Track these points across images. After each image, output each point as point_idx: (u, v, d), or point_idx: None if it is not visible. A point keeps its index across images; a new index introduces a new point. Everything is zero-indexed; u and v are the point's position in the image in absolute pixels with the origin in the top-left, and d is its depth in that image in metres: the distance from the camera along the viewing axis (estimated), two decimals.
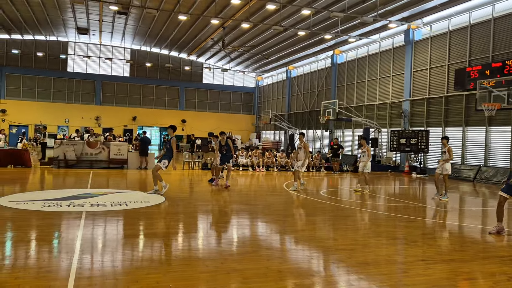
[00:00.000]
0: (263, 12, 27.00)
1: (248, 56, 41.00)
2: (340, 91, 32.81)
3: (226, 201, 11.04)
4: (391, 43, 27.42)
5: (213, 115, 48.59)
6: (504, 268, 5.64)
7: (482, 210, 11.69)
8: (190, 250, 6.08)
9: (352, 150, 30.50)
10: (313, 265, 5.55)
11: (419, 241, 7.18)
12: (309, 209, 10.45)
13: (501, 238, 7.76)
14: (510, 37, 19.35)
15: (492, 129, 20.18)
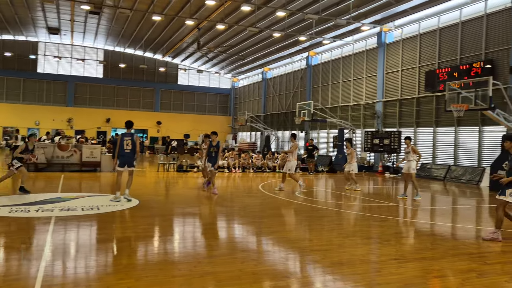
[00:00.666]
0: (238, 13, 27.00)
1: (224, 57, 40.91)
2: (315, 92, 33.12)
3: (201, 204, 10.96)
4: (364, 45, 27.85)
5: (189, 117, 48.25)
6: (472, 265, 5.80)
7: (452, 209, 11.99)
8: (164, 254, 6.00)
9: (327, 150, 30.82)
10: (288, 267, 5.57)
11: (392, 240, 7.30)
12: (285, 210, 10.48)
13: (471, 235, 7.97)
14: (476, 41, 19.96)
15: (461, 130, 20.76)
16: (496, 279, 5.22)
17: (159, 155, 23.53)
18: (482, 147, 19.59)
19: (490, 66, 18.82)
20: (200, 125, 47.15)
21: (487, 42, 19.50)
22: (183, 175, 19.20)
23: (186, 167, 21.39)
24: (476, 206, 12.55)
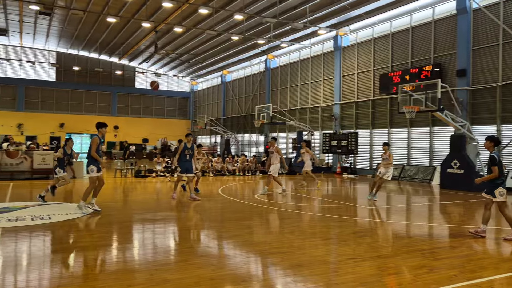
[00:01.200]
0: (196, 16, 26.82)
1: (182, 60, 40.50)
2: (274, 95, 33.42)
3: (159, 209, 10.75)
4: (321, 49, 28.42)
5: (147, 121, 47.37)
6: (424, 261, 6.02)
7: (406, 207, 12.42)
8: (120, 263, 5.83)
9: (287, 153, 31.14)
10: (247, 270, 5.55)
11: (349, 240, 7.46)
12: (245, 213, 10.48)
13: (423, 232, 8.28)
14: (426, 45, 20.86)
15: (413, 130, 21.60)
16: (445, 273, 5.44)
17: (116, 161, 22.90)
18: (433, 147, 20.47)
19: (439, 70, 19.72)
20: (158, 129, 46.41)
21: (435, 47, 20.42)
22: (141, 181, 18.79)
23: (145, 172, 20.97)
24: (428, 204, 13.06)
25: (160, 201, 12.33)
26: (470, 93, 18.76)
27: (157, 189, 15.94)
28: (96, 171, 9.49)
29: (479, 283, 5.09)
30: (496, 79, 17.80)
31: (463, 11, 18.72)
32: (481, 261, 6.16)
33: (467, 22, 18.71)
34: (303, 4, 23.43)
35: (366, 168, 24.32)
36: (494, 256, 6.55)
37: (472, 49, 18.66)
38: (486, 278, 5.27)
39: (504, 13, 17.56)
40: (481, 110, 18.47)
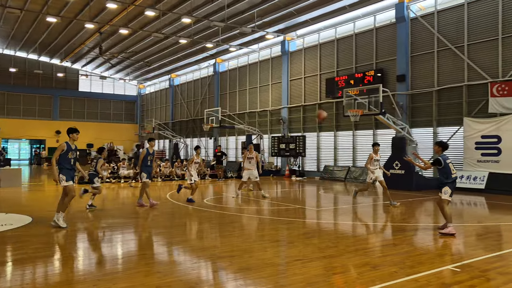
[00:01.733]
0: (143, 18, 26.28)
1: (129, 63, 39.47)
2: (223, 99, 33.40)
3: (104, 217, 10.38)
4: (269, 53, 28.79)
5: (92, 125, 45.63)
6: (367, 259, 6.25)
7: (351, 207, 12.82)
8: (59, 275, 5.56)
9: (236, 156, 31.20)
10: (194, 276, 5.49)
11: (296, 241, 7.59)
12: (194, 218, 10.37)
13: (368, 231, 8.59)
14: (368, 51, 21.75)
15: (358, 133, 22.41)
16: (387, 270, 5.68)
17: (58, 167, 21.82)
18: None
19: (380, 75, 20.61)
20: (104, 134, 44.85)
21: (377, 53, 21.33)
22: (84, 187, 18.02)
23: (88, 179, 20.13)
24: (372, 204, 13.57)
25: (106, 209, 11.91)
26: (409, 97, 19.75)
27: (102, 196, 15.37)
28: (65, 180, 8.62)
29: (417, 278, 5.36)
30: (432, 84, 18.88)
31: (402, 19, 19.71)
32: (419, 257, 6.49)
33: (405, 30, 19.71)
34: (251, 9, 23.64)
35: (314, 170, 24.88)
36: (431, 252, 6.92)
37: (411, 56, 19.68)
38: (424, 273, 5.56)
39: (438, 23, 18.68)
40: (419, 114, 19.50)
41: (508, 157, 15.91)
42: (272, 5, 22.96)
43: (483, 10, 17.22)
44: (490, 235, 8.34)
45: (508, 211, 11.76)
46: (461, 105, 17.80)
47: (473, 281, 5.25)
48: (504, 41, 16.55)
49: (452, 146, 18.14)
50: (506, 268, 5.90)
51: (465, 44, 17.68)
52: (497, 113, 16.42)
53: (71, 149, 8.80)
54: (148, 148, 12.10)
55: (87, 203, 11.22)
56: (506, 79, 16.27)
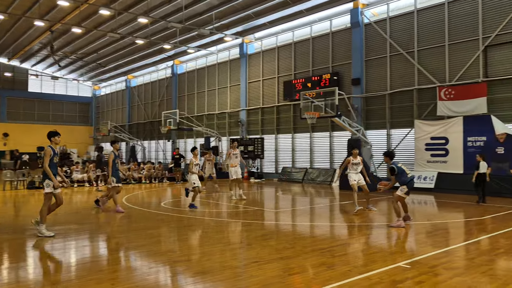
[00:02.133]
0: (97, 17, 25.55)
1: (83, 63, 38.21)
2: (181, 101, 33.05)
3: (57, 223, 9.98)
4: (227, 56, 28.79)
5: (43, 128, 43.56)
6: (323, 259, 6.38)
7: (309, 208, 13.05)
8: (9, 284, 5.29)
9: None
10: (149, 282, 5.39)
11: (254, 243, 7.63)
12: (151, 223, 10.17)
13: (324, 231, 8.77)
14: (325, 55, 22.25)
15: (315, 135, 22.85)
16: (341, 269, 5.83)
17: (5, 172, 20.78)
18: (333, 150, 21.82)
19: (336, 78, 21.12)
20: None
21: (333, 57, 21.86)
22: (35, 193, 17.30)
23: (39, 183, 19.32)
24: (329, 205, 13.88)
25: (58, 214, 11.45)
26: (364, 100, 20.37)
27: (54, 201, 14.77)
28: (52, 186, 8.25)
29: (370, 276, 5.53)
30: (385, 87, 19.57)
31: (356, 24, 20.31)
32: (372, 255, 6.71)
33: (360, 35, 20.33)
34: (209, 10, 23.56)
35: (273, 172, 25.10)
36: (383, 250, 7.17)
37: (365, 60, 20.32)
38: (376, 271, 5.75)
39: (391, 29, 19.41)
40: (373, 116, 20.15)
41: (454, 157, 16.76)
42: (231, 7, 23.00)
43: (432, 17, 18.06)
44: (438, 232, 8.75)
45: (454, 209, 12.39)
46: (412, 108, 18.57)
47: (422, 277, 5.49)
48: (450, 48, 17.43)
49: (404, 147, 18.89)
50: (451, 263, 6.21)
51: (415, 49, 18.47)
52: (445, 115, 17.26)
53: (55, 153, 8.63)
54: (114, 151, 11.68)
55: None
56: (453, 84, 17.14)
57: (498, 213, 11.15)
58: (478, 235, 8.55)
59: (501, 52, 16.04)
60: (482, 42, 16.45)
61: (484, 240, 7.87)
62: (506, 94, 15.91)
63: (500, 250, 7.07)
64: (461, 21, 17.15)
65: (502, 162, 15.54)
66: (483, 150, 15.86)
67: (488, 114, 15.96)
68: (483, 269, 5.85)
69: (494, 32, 16.07)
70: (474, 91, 16.39)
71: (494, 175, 15.41)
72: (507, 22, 15.78)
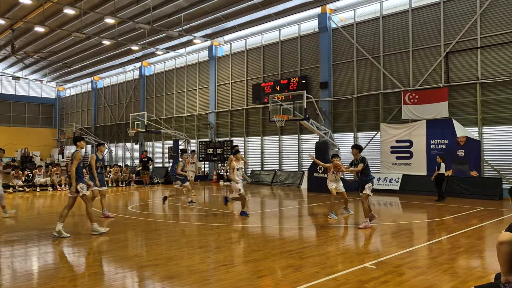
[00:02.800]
0: (61, 16, 24.86)
1: (46, 63, 37.03)
2: (149, 103, 32.58)
3: (18, 229, 9.61)
4: (196, 58, 28.63)
5: (4, 130, 42.10)
6: (291, 261, 6.43)
7: (278, 211, 13.12)
8: None
9: (163, 162, 30.55)
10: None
11: (222, 247, 7.60)
12: (118, 227, 9.95)
13: (292, 233, 8.84)
14: (293, 59, 22.49)
15: (284, 138, 23.02)
16: (309, 271, 5.89)
17: None
18: (301, 153, 22.05)
19: (304, 82, 21.38)
20: (18, 139, 41.60)
21: (301, 60, 22.12)
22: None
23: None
24: (298, 207, 14.00)
25: (19, 220, 11.04)
26: (331, 104, 20.71)
27: (14, 206, 14.24)
28: (86, 189, 8.79)
29: (337, 277, 5.62)
30: (352, 91, 19.97)
31: (324, 29, 20.64)
32: (340, 256, 6.82)
33: (327, 40, 20.66)
34: (177, 12, 23.37)
35: None
36: (350, 251, 7.30)
37: (333, 64, 20.67)
38: (343, 272, 5.84)
39: (357, 34, 19.83)
40: (341, 119, 20.51)
41: (418, 160, 17.28)
42: (200, 9, 22.89)
43: (396, 24, 18.59)
44: (402, 232, 8.99)
45: (418, 210, 12.77)
46: (378, 112, 19.02)
47: (387, 276, 5.62)
48: (414, 53, 17.98)
49: (370, 150, 19.31)
50: (415, 262, 6.39)
51: (381, 54, 18.95)
52: (409, 119, 17.78)
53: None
54: (98, 153, 11.46)
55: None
56: (416, 88, 17.68)
57: (459, 214, 11.57)
58: (440, 235, 8.85)
59: (461, 58, 16.69)
60: (444, 49, 17.07)
61: (446, 240, 8.15)
62: (465, 99, 16.56)
63: (461, 249, 7.33)
64: (424, 28, 17.73)
65: (462, 164, 16.16)
66: (445, 153, 16.45)
67: (449, 118, 16.56)
68: (444, 268, 6.06)
69: (455, 39, 16.71)
70: (436, 95, 16.98)
71: (455, 176, 16.03)
72: (467, 29, 16.44)
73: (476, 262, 6.66)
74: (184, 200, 14.34)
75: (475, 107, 16.30)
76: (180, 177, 13.20)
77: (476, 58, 16.26)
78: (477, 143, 15.93)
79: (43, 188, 19.46)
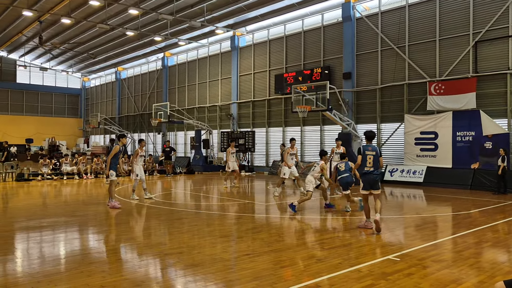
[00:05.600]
0: (87, 8, 25.20)
1: (72, 54, 37.73)
2: (172, 94, 32.85)
3: (47, 215, 9.91)
4: (219, 48, 28.64)
5: (32, 119, 43.29)
6: (313, 252, 6.43)
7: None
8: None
9: (185, 152, 30.85)
10: (140, 274, 5.38)
11: (244, 236, 7.65)
12: (142, 216, 10.15)
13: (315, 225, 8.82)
14: (316, 49, 22.24)
15: (306, 129, 22.89)
16: (332, 262, 5.88)
17: None
18: (323, 144, 21.89)
19: (328, 72, 21.14)
20: (45, 128, 42.74)
21: (324, 51, 21.86)
22: (24, 185, 17.14)
23: (28, 175, 19.16)
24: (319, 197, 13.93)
25: (47, 206, 11.37)
26: (354, 95, 20.44)
27: (43, 193, 14.67)
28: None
29: (360, 268, 5.59)
30: (376, 82, 19.65)
31: (348, 19, 20.31)
32: (362, 248, 6.77)
33: (351, 29, 20.33)
34: (200, 2, 23.37)
35: (263, 165, 25.13)
36: (373, 243, 7.23)
37: (356, 54, 20.35)
38: (366, 263, 5.80)
39: (382, 23, 19.45)
40: (364, 110, 20.23)
41: (443, 152, 16.93)
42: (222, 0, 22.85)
43: (422, 13, 18.12)
44: (427, 225, 8.85)
45: (443, 203, 12.54)
46: (402, 103, 18.68)
47: (411, 269, 5.56)
48: (441, 43, 17.53)
49: (394, 141, 19.03)
50: (440, 256, 6.29)
51: (406, 44, 18.54)
52: (435, 110, 17.40)
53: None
54: (119, 145, 11.31)
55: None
56: (443, 79, 17.26)
57: (486, 207, 11.32)
58: (466, 228, 8.67)
59: (490, 48, 16.18)
60: (473, 38, 16.57)
61: (472, 234, 7.98)
62: (494, 90, 16.08)
63: (488, 244, 7.18)
64: (452, 17, 17.24)
65: (490, 156, 15.74)
66: (472, 145, 16.07)
67: (477, 109, 16.13)
68: (470, 262, 5.94)
69: (484, 28, 16.19)
70: (464, 86, 16.53)
71: (482, 169, 15.65)
72: (497, 18, 15.90)
73: (504, 256, 6.51)
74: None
75: (504, 98, 15.82)
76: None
77: (507, 47, 15.74)
78: (506, 135, 15.48)
79: (69, 176, 19.95)
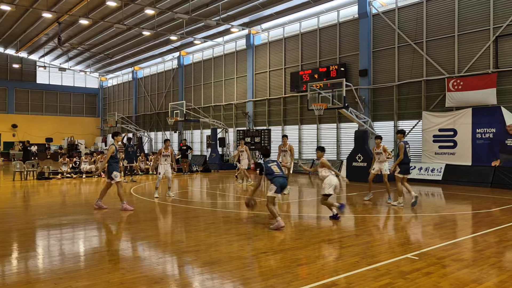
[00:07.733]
0: (104, 8, 25.54)
1: (90, 55, 38.30)
2: (188, 92, 33.06)
3: (66, 213, 10.09)
4: (234, 47, 28.69)
5: (51, 119, 44.10)
6: (330, 250, 6.40)
7: (316, 200, 13.05)
8: (20, 274, 5.37)
9: (202, 150, 31.02)
10: (158, 272, 5.44)
11: (261, 234, 7.66)
12: (159, 214, 10.25)
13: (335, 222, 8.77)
14: (332, 46, 22.09)
15: (322, 126, 22.78)
16: (349, 260, 5.84)
17: (15, 162, 20.99)
18: (340, 142, 21.76)
19: (344, 69, 20.98)
20: (64, 128, 43.52)
21: (340, 48, 21.70)
22: (44, 183, 17.48)
23: (49, 174, 19.54)
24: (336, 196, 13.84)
25: (67, 204, 11.58)
26: (371, 92, 20.24)
27: (63, 191, 14.94)
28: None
29: (378, 267, 5.54)
30: (393, 79, 19.42)
31: (364, 15, 20.11)
32: (380, 246, 6.71)
33: (367, 26, 20.13)
34: (215, 1, 23.45)
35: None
36: (391, 241, 7.16)
37: (373, 51, 20.14)
38: (384, 262, 5.75)
39: (399, 19, 19.20)
40: (381, 108, 20.03)
41: (462, 149, 16.65)
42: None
43: (441, 8, 17.83)
44: (446, 224, 8.72)
45: (462, 201, 12.33)
46: (420, 99, 18.43)
47: (430, 268, 5.48)
48: (459, 38, 17.22)
49: (412, 139, 18.79)
50: (460, 255, 6.20)
51: (424, 40, 18.27)
52: (453, 107, 17.12)
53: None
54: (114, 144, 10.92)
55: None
56: (461, 75, 16.96)
57: (507, 205, 11.09)
58: (486, 227, 8.51)
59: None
60: (493, 33, 16.23)
61: (493, 232, 7.84)
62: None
63: (509, 243, 7.04)
64: (471, 11, 16.92)
65: (511, 154, 15.42)
66: (493, 142, 15.75)
67: (498, 105, 15.80)
68: (491, 261, 5.84)
69: (506, 22, 15.85)
70: (484, 82, 16.21)
71: (504, 167, 15.34)
72: None
73: None
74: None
75: None
76: None
77: None
78: None
79: (88, 175, 20.26)
